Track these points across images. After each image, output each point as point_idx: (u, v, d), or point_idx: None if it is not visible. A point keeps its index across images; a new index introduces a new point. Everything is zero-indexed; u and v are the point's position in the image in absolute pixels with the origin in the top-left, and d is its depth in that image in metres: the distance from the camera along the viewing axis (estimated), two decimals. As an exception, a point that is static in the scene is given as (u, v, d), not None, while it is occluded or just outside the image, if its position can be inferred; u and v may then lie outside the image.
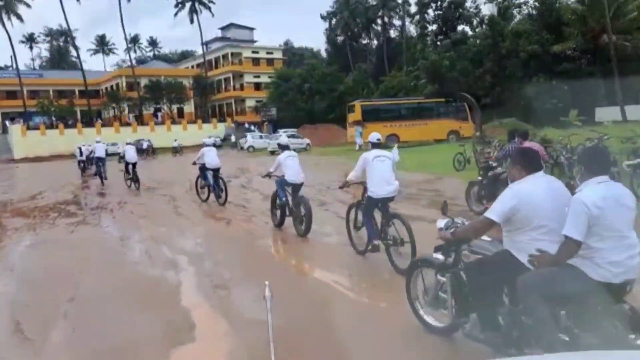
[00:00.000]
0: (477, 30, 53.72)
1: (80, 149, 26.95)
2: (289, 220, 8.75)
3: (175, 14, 67.74)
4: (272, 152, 35.14)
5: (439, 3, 54.88)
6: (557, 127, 28.37)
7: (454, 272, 3.84)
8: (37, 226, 10.82)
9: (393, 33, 73.53)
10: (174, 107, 65.84)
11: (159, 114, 66.04)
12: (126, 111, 65.61)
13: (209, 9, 66.95)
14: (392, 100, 34.69)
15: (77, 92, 68.91)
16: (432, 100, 33.36)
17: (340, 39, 74.73)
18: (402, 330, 4.40)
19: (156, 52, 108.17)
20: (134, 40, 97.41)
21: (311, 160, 27.27)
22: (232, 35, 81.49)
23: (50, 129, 54.72)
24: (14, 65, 59.85)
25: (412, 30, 73.25)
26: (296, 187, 8.45)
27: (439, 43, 53.63)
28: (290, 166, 8.40)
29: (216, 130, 60.84)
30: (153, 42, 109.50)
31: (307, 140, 36.64)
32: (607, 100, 35.14)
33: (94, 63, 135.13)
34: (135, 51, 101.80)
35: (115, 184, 19.74)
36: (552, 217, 3.26)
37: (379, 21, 71.54)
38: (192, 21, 66.85)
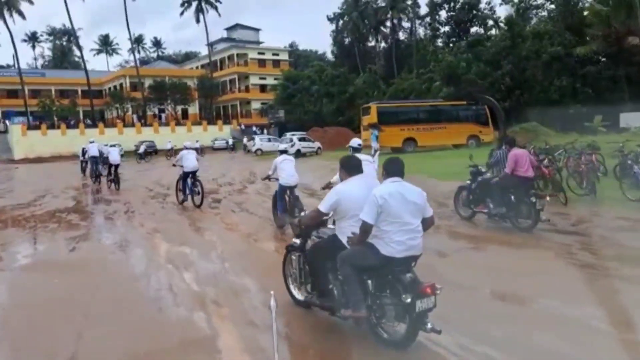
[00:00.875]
0: (491, 31, 52.41)
1: (84, 149, 25.49)
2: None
3: (181, 13, 66.36)
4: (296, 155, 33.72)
5: (452, 4, 53.59)
6: (581, 133, 27.04)
7: (301, 253, 4.95)
8: (33, 241, 9.36)
9: (402, 35, 72.19)
10: (179, 108, 64.50)
11: (163, 115, 64.69)
12: (130, 112, 64.22)
13: (216, 8, 65.65)
14: (410, 103, 33.20)
15: (79, 92, 67.60)
16: (452, 102, 31.88)
17: (347, 40, 73.47)
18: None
19: (160, 53, 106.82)
20: (138, 40, 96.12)
21: (324, 165, 25.80)
22: (237, 36, 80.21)
23: (51, 129, 53.29)
24: (16, 64, 58.40)
25: (421, 32, 72.39)
26: (291, 189, 8.95)
27: (451, 45, 52.30)
28: (285, 169, 8.85)
29: (222, 132, 59.49)
30: (157, 43, 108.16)
31: (317, 144, 35.15)
32: (631, 105, 33.70)
33: (96, 63, 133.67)
34: (139, 51, 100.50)
35: (121, 188, 18.31)
36: (396, 212, 4.12)
37: (388, 23, 70.11)
38: (198, 21, 65.52)
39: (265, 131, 57.54)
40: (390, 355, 4.11)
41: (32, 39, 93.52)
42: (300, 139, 34.14)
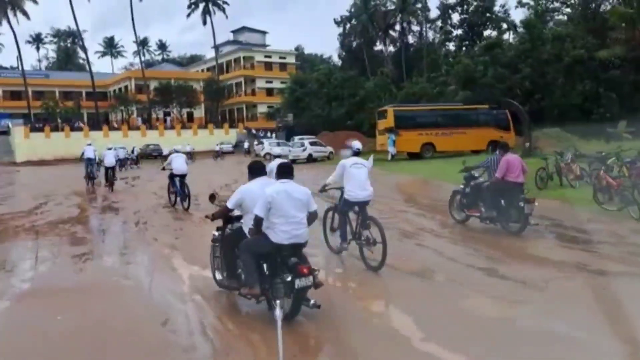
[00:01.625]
0: (505, 34, 51.25)
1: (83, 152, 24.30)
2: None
3: (188, 15, 65.29)
4: (293, 161, 32.48)
5: (465, 7, 52.41)
6: (606, 139, 25.76)
7: (219, 243, 5.90)
8: (32, 260, 8.12)
9: (411, 39, 71.08)
10: (184, 111, 63.42)
11: (168, 118, 63.61)
12: (135, 114, 63.15)
13: (223, 10, 64.64)
14: (428, 106, 31.90)
15: (84, 94, 66.58)
16: (473, 107, 30.60)
17: (354, 44, 72.40)
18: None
19: (165, 56, 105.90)
20: (143, 43, 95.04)
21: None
22: (244, 39, 79.20)
23: (55, 131, 52.18)
24: (20, 66, 57.43)
25: (430, 35, 71.30)
26: None
27: (464, 48, 51.11)
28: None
29: (228, 135, 58.40)
30: (162, 46, 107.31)
31: (329, 148, 33.85)
32: (657, 110, 32.41)
33: (101, 66, 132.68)
34: (144, 54, 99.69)
35: (130, 195, 17.11)
36: (282, 207, 5.00)
37: (397, 26, 69.03)
38: (204, 22, 64.48)
39: (271, 134, 56.47)
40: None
41: (37, 40, 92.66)
42: (312, 143, 32.90)
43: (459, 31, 52.75)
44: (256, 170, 5.60)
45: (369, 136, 42.51)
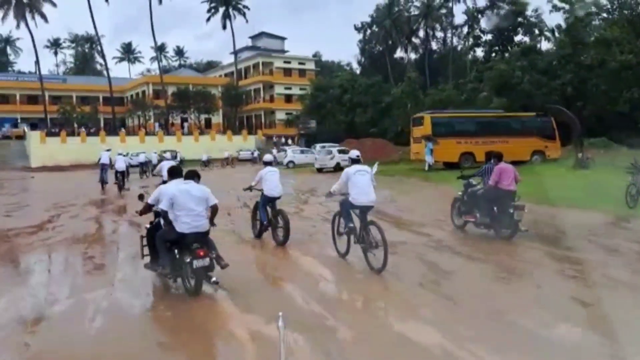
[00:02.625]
0: (537, 39, 49.13)
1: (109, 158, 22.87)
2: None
3: (208, 19, 64.09)
4: (320, 170, 30.63)
5: (495, 11, 50.41)
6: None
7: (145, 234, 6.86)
8: (38, 302, 6.30)
9: (435, 45, 69.30)
10: (202, 117, 62.10)
11: (186, 124, 62.33)
12: (152, 120, 61.94)
13: (244, 14, 63.37)
14: (467, 113, 29.83)
15: (101, 99, 65.61)
16: (516, 114, 28.55)
17: (376, 50, 70.78)
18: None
19: (182, 62, 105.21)
20: (161, 49, 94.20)
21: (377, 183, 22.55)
22: (262, 45, 77.89)
23: (71, 136, 51.02)
24: (37, 70, 56.66)
25: (455, 41, 69.36)
26: (274, 200, 9.22)
27: (493, 54, 49.05)
28: (270, 180, 9.16)
29: (246, 142, 56.84)
30: (179, 52, 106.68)
31: (359, 157, 31.99)
32: None
33: (118, 71, 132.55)
34: (161, 60, 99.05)
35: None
36: (183, 202, 6.01)
37: (421, 32, 67.30)
38: (224, 27, 63.29)
39: (287, 142, 54.89)
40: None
41: (55, 45, 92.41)
42: (340, 151, 30.95)
43: (489, 36, 50.59)
44: (175, 173, 6.59)
45: (398, 144, 40.72)
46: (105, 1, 53.48)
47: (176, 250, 6.10)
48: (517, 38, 50.24)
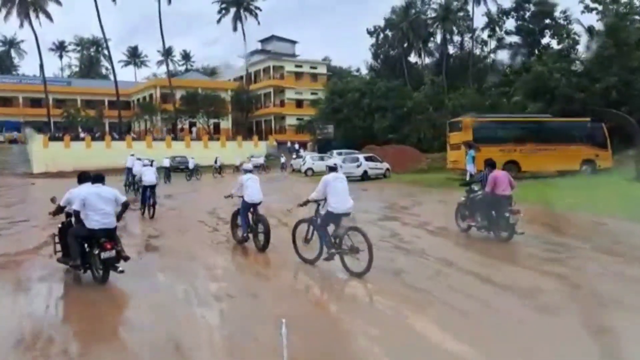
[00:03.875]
0: (565, 42, 46.72)
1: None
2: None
3: (219, 20, 61.84)
4: (362, 178, 28.02)
5: (521, 12, 48.02)
6: None
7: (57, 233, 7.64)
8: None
9: (452, 49, 66.76)
10: (211, 122, 59.76)
11: (194, 129, 60.01)
12: (159, 124, 59.65)
13: (256, 15, 61.13)
14: (511, 117, 27.32)
15: (106, 103, 63.43)
16: (566, 119, 26.01)
17: (391, 53, 68.36)
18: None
19: (189, 67, 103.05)
20: (167, 52, 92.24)
21: (412, 196, 20.08)
22: (273, 48, 75.64)
23: (75, 140, 48.75)
24: (41, 71, 54.29)
25: (472, 45, 66.88)
26: (255, 206, 9.45)
27: (518, 57, 46.66)
28: (250, 187, 9.40)
29: (257, 148, 54.51)
30: (186, 56, 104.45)
31: (386, 165, 29.40)
32: None
33: (123, 75, 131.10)
34: (167, 64, 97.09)
35: (170, 224, 12.92)
36: (94, 203, 6.80)
37: (438, 36, 64.86)
38: (235, 29, 61.08)
39: (300, 148, 52.52)
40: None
41: (60, 48, 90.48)
42: (368, 159, 28.47)
43: (514, 38, 48.22)
44: (83, 179, 7.38)
45: (424, 150, 38.27)
46: (113, 1, 51.37)
47: (86, 245, 6.89)
48: (545, 40, 48.00)
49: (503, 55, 52.30)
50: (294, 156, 41.86)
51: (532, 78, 33.18)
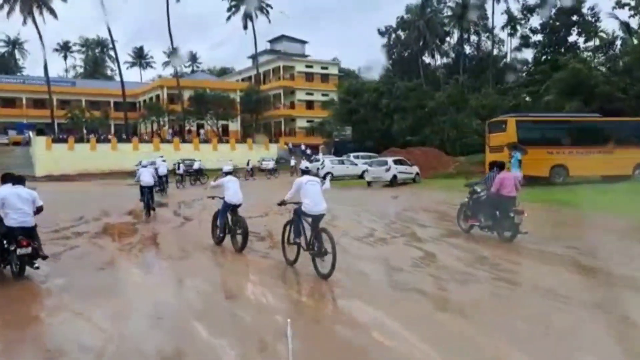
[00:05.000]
0: (591, 41, 44.59)
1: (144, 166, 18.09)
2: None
3: (228, 18, 59.90)
4: (370, 183, 25.85)
5: (546, 9, 45.76)
6: None
7: None
8: None
9: (468, 48, 64.53)
10: (219, 123, 57.69)
11: (202, 131, 57.93)
12: (166, 126, 57.63)
13: (267, 13, 59.09)
14: (558, 117, 25.05)
15: (112, 104, 61.48)
16: (619, 119, 23.76)
17: (404, 53, 66.20)
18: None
19: (195, 68, 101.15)
20: (172, 55, 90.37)
21: (447, 202, 17.79)
22: (282, 48, 73.59)
23: (80, 142, 46.75)
24: (44, 71, 52.32)
25: (489, 44, 64.71)
26: (235, 207, 9.53)
27: (547, 57, 44.40)
28: (231, 188, 9.54)
29: (268, 151, 52.36)
30: (193, 57, 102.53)
31: (416, 169, 27.18)
32: None
33: (129, 77, 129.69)
34: (173, 65, 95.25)
35: (178, 237, 10.77)
36: (13, 203, 7.23)
37: (455, 35, 62.73)
38: (245, 27, 59.11)
39: (311, 151, 50.36)
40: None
41: (64, 48, 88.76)
42: (397, 162, 26.22)
43: (540, 36, 45.96)
44: (6, 180, 7.62)
45: (447, 153, 36.05)
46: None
47: (5, 241, 7.22)
48: (571, 38, 45.80)
49: (526, 54, 50.04)
50: (303, 159, 39.79)
51: (569, 75, 30.95)
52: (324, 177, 30.15)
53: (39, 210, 7.61)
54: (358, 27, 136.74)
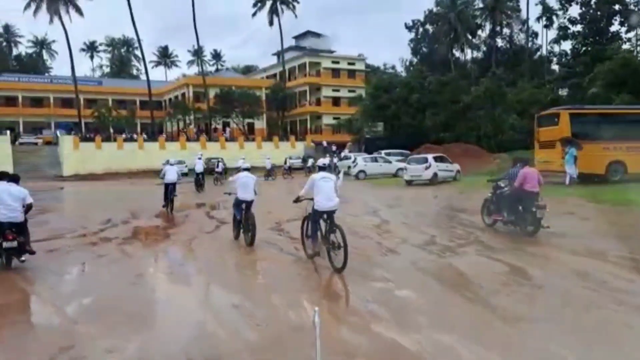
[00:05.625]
0: (635, 29, 42.23)
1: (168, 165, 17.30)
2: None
3: (254, 14, 58.91)
4: (410, 182, 24.40)
5: (586, -1, 43.51)
6: None
7: None
8: None
9: (500, 42, 62.33)
10: (245, 122, 56.83)
11: (228, 130, 57.16)
12: (192, 125, 57.03)
13: (293, 8, 57.89)
14: (620, 109, 23.21)
15: (138, 103, 61.23)
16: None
17: (434, 47, 64.28)
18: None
19: (219, 66, 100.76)
20: (198, 52, 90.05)
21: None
22: (307, 45, 72.40)
23: (107, 141, 46.41)
24: (71, 70, 52.14)
25: (521, 37, 62.47)
26: (247, 204, 9.71)
27: (587, 48, 42.18)
28: (242, 185, 9.72)
29: (295, 149, 51.26)
30: (216, 55, 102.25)
31: (457, 166, 25.63)
32: None
33: (154, 76, 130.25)
34: (197, 64, 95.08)
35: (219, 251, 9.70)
36: (2, 198, 7.64)
37: (487, 27, 60.64)
38: (271, 23, 58.02)
39: (337, 150, 48.98)
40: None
41: (91, 48, 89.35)
42: (438, 159, 24.70)
43: (579, 27, 43.73)
44: (2, 178, 7.98)
45: (491, 150, 34.41)
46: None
47: None
48: (613, 28, 43.48)
49: (564, 46, 47.77)
50: (327, 157, 38.58)
51: (617, 66, 28.99)
52: (338, 174, 29.97)
53: (28, 207, 8.01)
54: (380, 23, 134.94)
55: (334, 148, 50.57)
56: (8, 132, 44.66)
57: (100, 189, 29.80)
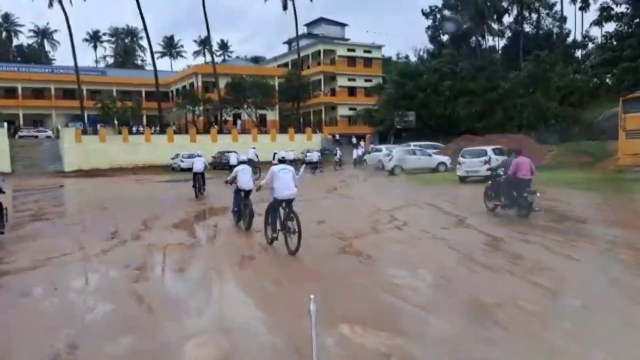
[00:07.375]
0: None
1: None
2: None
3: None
4: (464, 179, 20.92)
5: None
6: None
7: None
8: None
9: (527, 27, 58.48)
10: (258, 112, 53.40)
11: (239, 122, 53.77)
12: (201, 116, 53.65)
13: (307, -8, 54.16)
14: None
15: (143, 94, 57.86)
16: None
17: (458, 32, 60.51)
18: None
19: (226, 57, 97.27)
20: (204, 42, 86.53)
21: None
22: (321, 32, 68.80)
23: (111, 134, 43.19)
24: (73, 59, 48.77)
25: (549, 22, 58.60)
26: (246, 193, 10.53)
27: (633, 29, 38.51)
28: (242, 175, 10.55)
29: (311, 142, 47.94)
30: (224, 46, 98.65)
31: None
32: None
33: (159, 67, 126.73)
34: (204, 54, 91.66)
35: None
36: None
37: (514, 12, 56.77)
38: (285, 7, 54.42)
39: (358, 141, 45.71)
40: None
41: (94, 38, 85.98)
42: (496, 151, 21.19)
43: (622, 8, 40.02)
44: None
45: (542, 142, 30.91)
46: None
47: None
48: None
49: (605, 29, 44.07)
50: (355, 150, 35.37)
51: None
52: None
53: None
54: (394, 11, 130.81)
55: (354, 140, 47.29)
56: (5, 124, 41.38)
57: (103, 186, 26.52)
